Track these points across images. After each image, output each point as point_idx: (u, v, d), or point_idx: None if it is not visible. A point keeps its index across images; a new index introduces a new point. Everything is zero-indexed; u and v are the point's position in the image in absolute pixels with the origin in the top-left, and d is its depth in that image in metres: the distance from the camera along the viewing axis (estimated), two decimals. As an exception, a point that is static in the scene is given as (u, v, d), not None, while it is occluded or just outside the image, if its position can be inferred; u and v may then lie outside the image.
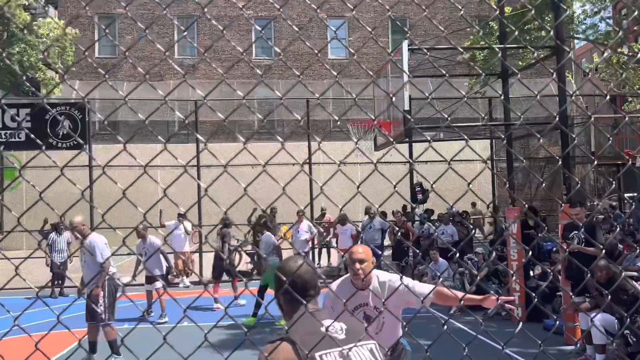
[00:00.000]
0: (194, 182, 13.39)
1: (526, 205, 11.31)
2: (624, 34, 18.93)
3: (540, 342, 1.90)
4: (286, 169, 9.09)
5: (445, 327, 1.99)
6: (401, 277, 3.50)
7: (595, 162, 17.03)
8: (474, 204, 17.26)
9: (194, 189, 13.08)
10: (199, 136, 4.85)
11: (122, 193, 1.66)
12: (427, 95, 2.00)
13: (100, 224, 1.84)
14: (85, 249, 6.64)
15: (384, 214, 14.15)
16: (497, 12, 11.44)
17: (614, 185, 13.66)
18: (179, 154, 16.23)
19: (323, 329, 1.95)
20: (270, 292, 9.03)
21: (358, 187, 1.60)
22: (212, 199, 2.13)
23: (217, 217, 15.39)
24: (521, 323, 8.04)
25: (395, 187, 1.64)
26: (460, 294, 3.78)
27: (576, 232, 6.98)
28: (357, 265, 3.36)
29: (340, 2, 26.98)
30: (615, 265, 7.05)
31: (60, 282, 12.18)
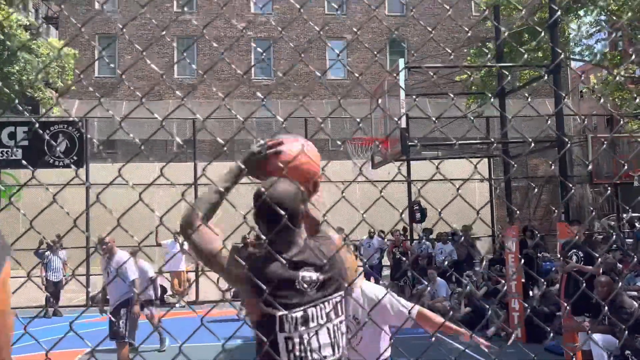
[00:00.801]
0: (191, 198, 13.34)
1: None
2: (622, 55, 19.14)
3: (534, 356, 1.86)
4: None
5: (433, 339, 1.96)
6: (387, 291, 3.17)
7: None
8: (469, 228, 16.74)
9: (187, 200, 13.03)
10: (200, 163, 4.85)
11: (117, 222, 1.64)
12: (428, 117, 2.00)
13: (94, 249, 1.82)
14: (112, 267, 6.55)
15: (381, 233, 14.11)
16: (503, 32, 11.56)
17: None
18: (177, 172, 16.21)
19: (297, 284, 1.83)
20: None
21: (342, 191, 1.58)
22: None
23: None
24: (518, 331, 7.96)
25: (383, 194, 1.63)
26: (441, 319, 3.57)
27: (575, 250, 6.96)
28: None
29: (339, 23, 27.24)
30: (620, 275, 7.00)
31: (54, 301, 12.06)
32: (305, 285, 1.85)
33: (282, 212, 1.82)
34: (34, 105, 21.15)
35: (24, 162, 11.10)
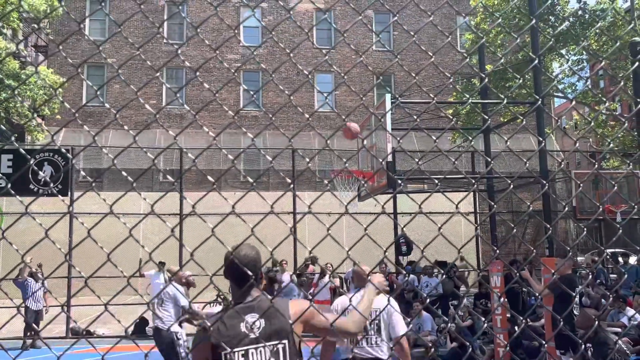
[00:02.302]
0: (176, 229, 13.23)
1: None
2: (602, 92, 19.65)
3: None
4: (270, 217, 9.01)
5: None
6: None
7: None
8: (462, 258, 16.97)
9: (176, 235, 12.93)
10: (190, 202, 4.87)
11: (107, 257, 1.64)
12: (412, 151, 2.04)
13: (83, 284, 1.81)
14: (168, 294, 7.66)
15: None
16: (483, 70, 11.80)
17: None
18: (163, 201, 16.10)
19: (242, 326, 2.20)
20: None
21: (328, 229, 1.59)
22: (195, 261, 2.10)
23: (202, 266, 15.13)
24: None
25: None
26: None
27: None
28: None
29: (328, 56, 27.64)
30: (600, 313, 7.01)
31: (32, 332, 11.74)
32: (248, 326, 2.20)
33: (249, 273, 2.24)
34: (20, 133, 21.05)
35: (12, 191, 10.96)
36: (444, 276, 12.58)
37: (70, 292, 12.75)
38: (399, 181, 9.27)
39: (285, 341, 2.23)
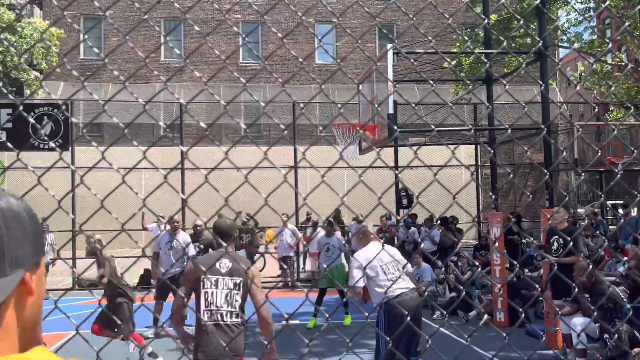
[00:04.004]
0: (178, 183, 13.29)
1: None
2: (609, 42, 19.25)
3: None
4: (272, 172, 9.04)
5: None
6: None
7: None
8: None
9: (178, 190, 13.00)
10: (182, 148, 4.84)
11: (100, 203, 1.64)
12: (412, 102, 2.02)
13: (78, 233, 1.83)
14: (177, 242, 8.29)
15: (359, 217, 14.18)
16: (485, 20, 11.55)
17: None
18: (164, 156, 16.12)
19: (217, 264, 3.48)
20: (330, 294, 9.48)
21: (323, 176, 1.60)
22: (192, 210, 2.12)
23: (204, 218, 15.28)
24: (502, 314, 8.06)
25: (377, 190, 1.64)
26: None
27: (556, 237, 7.03)
28: None
29: (329, 6, 27.05)
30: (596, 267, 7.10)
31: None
32: (222, 265, 3.54)
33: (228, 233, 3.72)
34: (18, 87, 20.87)
35: (9, 144, 10.98)
36: (444, 227, 12.70)
37: (74, 245, 12.93)
38: (397, 131, 9.22)
39: (242, 279, 3.50)
